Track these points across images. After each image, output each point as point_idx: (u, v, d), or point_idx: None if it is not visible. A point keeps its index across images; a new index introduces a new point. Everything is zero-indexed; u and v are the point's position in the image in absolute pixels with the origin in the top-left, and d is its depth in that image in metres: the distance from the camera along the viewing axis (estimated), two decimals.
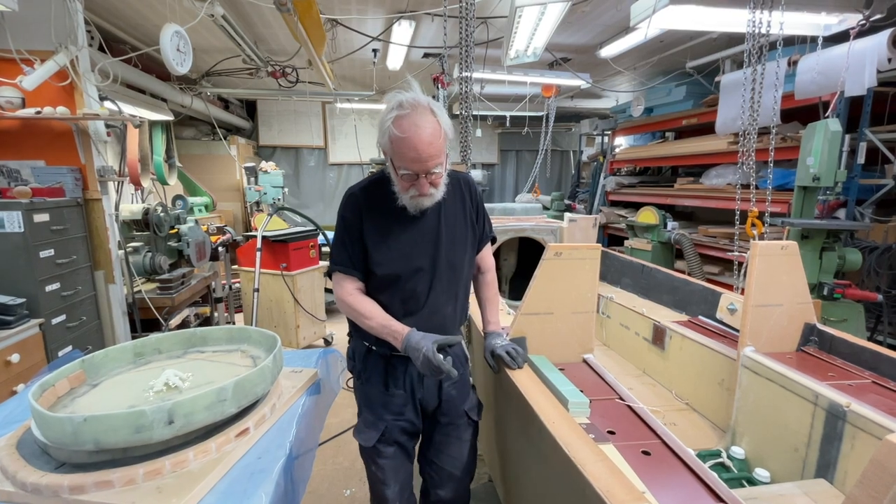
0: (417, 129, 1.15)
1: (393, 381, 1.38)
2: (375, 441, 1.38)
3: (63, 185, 2.50)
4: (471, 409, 1.50)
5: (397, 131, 1.15)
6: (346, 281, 1.35)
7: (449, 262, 1.36)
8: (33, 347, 2.16)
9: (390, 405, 1.39)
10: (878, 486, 0.57)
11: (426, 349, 1.20)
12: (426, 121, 1.17)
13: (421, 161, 1.17)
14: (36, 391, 1.05)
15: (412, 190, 1.23)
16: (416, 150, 1.16)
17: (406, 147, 1.16)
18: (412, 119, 1.15)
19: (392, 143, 1.18)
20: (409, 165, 1.18)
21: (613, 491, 0.86)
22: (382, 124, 1.20)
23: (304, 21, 2.85)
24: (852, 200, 3.25)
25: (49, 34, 2.37)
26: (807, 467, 1.43)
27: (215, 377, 1.24)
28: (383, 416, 1.39)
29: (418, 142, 1.15)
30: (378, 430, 1.38)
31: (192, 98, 5.02)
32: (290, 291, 3.71)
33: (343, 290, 1.35)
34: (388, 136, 1.18)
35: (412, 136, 1.15)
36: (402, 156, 1.18)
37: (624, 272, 3.02)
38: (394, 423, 1.39)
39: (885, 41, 2.68)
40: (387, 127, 1.18)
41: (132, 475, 0.92)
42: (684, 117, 4.86)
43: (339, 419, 2.83)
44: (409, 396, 1.40)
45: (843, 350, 1.66)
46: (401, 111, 1.16)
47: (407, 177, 1.21)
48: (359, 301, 1.33)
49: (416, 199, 1.25)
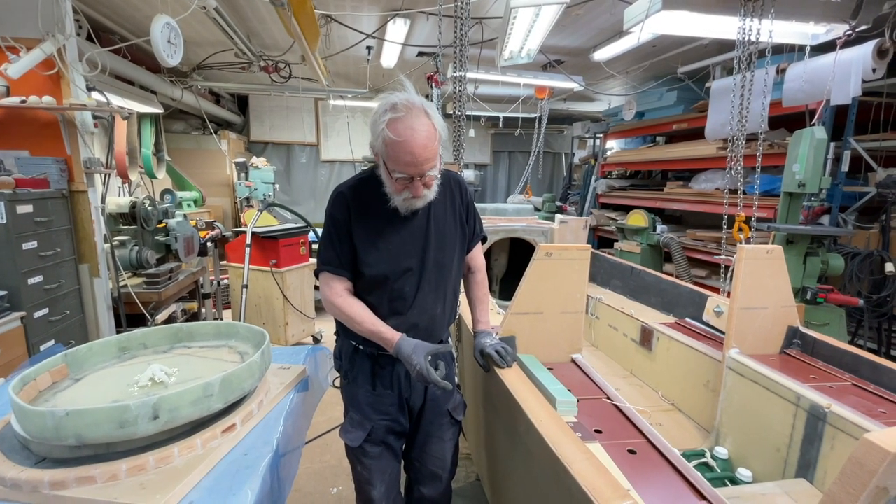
0: (413, 133, 1.13)
1: (380, 381, 1.38)
2: (362, 441, 1.37)
3: (48, 176, 2.45)
4: (454, 409, 1.50)
5: (392, 135, 1.13)
6: (335, 281, 1.33)
7: (437, 263, 1.35)
8: (14, 341, 2.11)
9: (377, 405, 1.39)
10: (855, 483, 0.58)
11: (420, 366, 1.21)
12: (421, 123, 1.15)
13: (417, 165, 1.16)
14: (16, 385, 1.03)
15: (406, 192, 1.22)
16: (412, 154, 1.14)
17: (401, 151, 1.14)
18: (407, 122, 1.13)
19: (387, 147, 1.16)
20: (404, 169, 1.17)
21: (599, 489, 0.86)
22: (375, 126, 1.17)
23: (299, 16, 2.83)
24: (836, 207, 3.32)
25: (36, 22, 2.32)
26: (788, 467, 1.46)
27: (202, 372, 1.23)
28: (370, 416, 1.38)
29: (414, 145, 1.13)
30: (365, 429, 1.37)
31: (182, 91, 4.95)
32: (279, 288, 3.68)
33: (332, 292, 1.33)
34: (382, 138, 1.15)
35: (408, 139, 1.13)
36: (397, 159, 1.16)
37: (613, 274, 3.05)
38: (381, 422, 1.38)
39: (870, 52, 2.74)
40: (381, 129, 1.15)
41: (115, 471, 0.90)
42: (675, 122, 4.92)
43: (327, 417, 2.81)
44: (396, 396, 1.40)
45: (825, 353, 1.69)
46: (395, 114, 1.14)
47: (402, 180, 1.19)
48: (348, 304, 1.31)
49: (409, 202, 1.24)
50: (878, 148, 3.32)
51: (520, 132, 6.85)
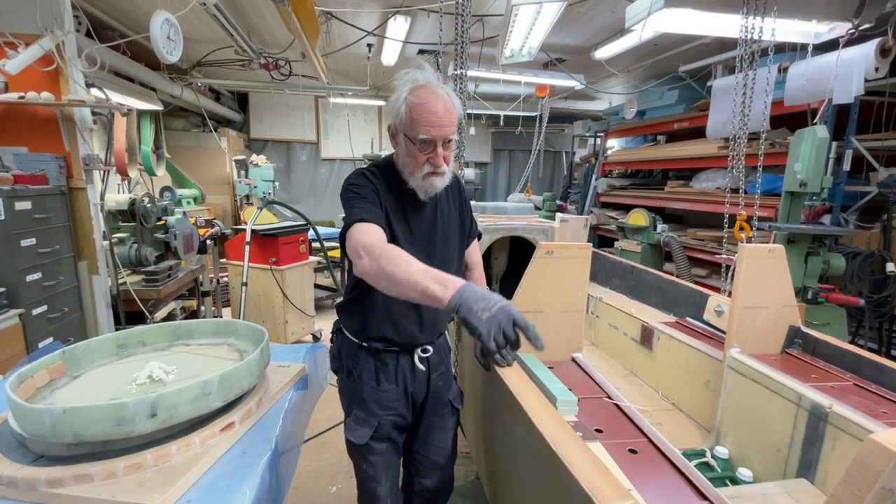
0: (436, 97, 1.19)
1: (385, 377, 1.38)
2: (368, 438, 1.36)
3: (46, 172, 2.44)
4: (454, 398, 1.52)
5: (415, 99, 1.18)
6: (374, 228, 1.17)
7: (442, 258, 1.37)
8: (12, 338, 2.11)
9: (383, 400, 1.38)
10: (860, 484, 0.57)
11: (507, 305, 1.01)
12: (442, 90, 1.21)
13: (441, 126, 1.18)
14: (13, 382, 1.02)
15: (427, 166, 1.21)
16: (436, 114, 1.17)
17: (426, 111, 1.17)
18: (429, 88, 1.19)
19: (410, 110, 1.18)
20: (428, 130, 1.17)
21: (600, 488, 0.86)
22: (397, 100, 1.20)
23: (299, 13, 2.82)
24: (837, 207, 3.31)
25: (34, 17, 2.30)
26: (788, 467, 1.45)
27: (201, 370, 1.22)
28: (375, 412, 1.37)
29: (437, 105, 1.18)
30: (371, 426, 1.36)
31: (182, 88, 4.94)
32: (278, 286, 3.67)
33: (373, 237, 1.14)
34: (405, 105, 1.19)
35: (431, 101, 1.18)
36: (420, 120, 1.17)
37: (613, 273, 3.04)
38: (386, 418, 1.38)
39: (872, 50, 2.73)
40: (403, 98, 1.19)
41: (112, 469, 0.90)
42: (676, 121, 4.91)
43: (326, 415, 2.81)
44: (401, 391, 1.39)
45: (826, 353, 1.69)
46: (416, 84, 1.20)
47: (425, 145, 1.19)
48: (395, 248, 1.13)
49: (429, 179, 1.23)
50: (880, 147, 3.31)
51: (520, 131, 6.84)
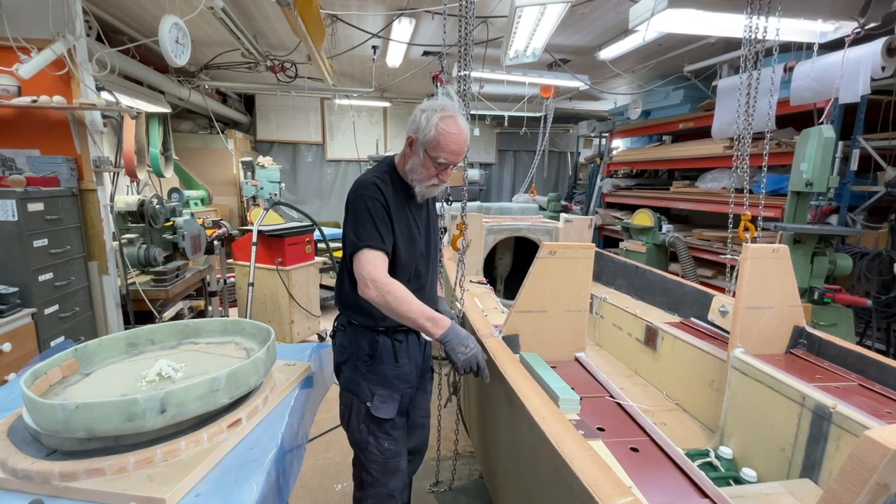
0: (462, 130, 1.41)
1: (401, 354, 1.50)
2: (395, 412, 1.47)
3: (58, 174, 2.48)
4: (432, 363, 1.71)
5: (447, 128, 1.38)
6: (380, 259, 1.37)
7: (435, 246, 1.61)
8: (25, 337, 2.15)
9: (402, 375, 1.51)
10: (855, 480, 0.58)
11: (475, 350, 1.35)
12: (465, 125, 1.44)
13: (460, 154, 1.42)
14: (28, 378, 1.05)
15: (435, 179, 1.44)
16: (459, 145, 1.40)
17: (453, 142, 1.39)
18: (457, 121, 1.41)
19: (440, 136, 1.38)
20: (448, 157, 1.40)
21: (601, 485, 0.87)
22: (428, 122, 1.39)
23: (304, 16, 2.85)
24: (844, 206, 3.28)
25: (47, 22, 2.35)
26: (792, 467, 1.45)
27: (208, 368, 1.24)
28: (397, 387, 1.49)
29: (462, 139, 1.41)
30: (395, 401, 1.48)
31: (189, 91, 4.99)
32: (284, 286, 3.70)
33: (378, 270, 1.35)
34: (436, 130, 1.37)
35: (459, 133, 1.40)
36: (445, 148, 1.39)
37: (618, 273, 3.04)
38: (406, 391, 1.52)
39: (879, 49, 2.71)
40: (434, 123, 1.38)
41: (123, 463, 0.92)
42: (681, 121, 4.89)
43: (331, 415, 2.81)
44: (415, 365, 1.54)
45: (831, 353, 1.68)
46: (446, 113, 1.40)
47: (441, 166, 1.41)
48: (396, 284, 1.35)
49: (432, 188, 1.46)
50: (888, 147, 3.28)
51: (525, 131, 6.83)
